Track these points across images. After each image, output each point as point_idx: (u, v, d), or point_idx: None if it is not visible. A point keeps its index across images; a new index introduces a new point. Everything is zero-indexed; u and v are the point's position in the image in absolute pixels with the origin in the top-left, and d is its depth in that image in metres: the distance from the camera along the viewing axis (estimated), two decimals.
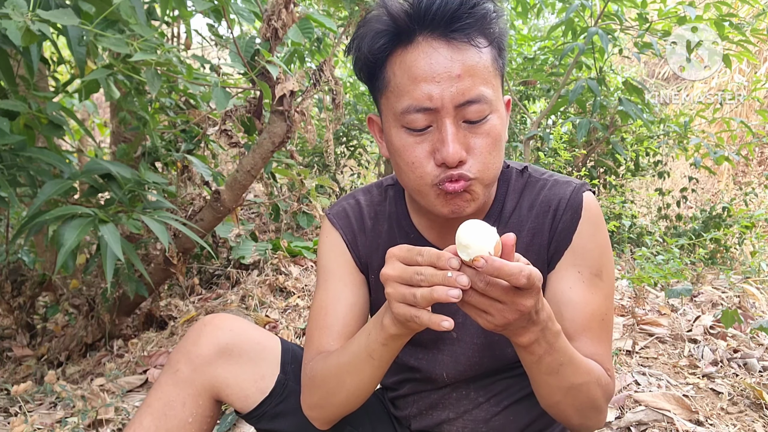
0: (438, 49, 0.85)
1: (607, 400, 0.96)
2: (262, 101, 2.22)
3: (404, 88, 0.87)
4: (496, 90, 0.89)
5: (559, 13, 4.06)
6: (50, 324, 2.52)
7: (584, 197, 1.00)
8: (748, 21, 3.76)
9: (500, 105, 0.91)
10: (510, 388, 1.08)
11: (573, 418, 0.95)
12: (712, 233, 4.01)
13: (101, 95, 4.82)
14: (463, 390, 1.08)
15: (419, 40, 0.86)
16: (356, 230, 1.11)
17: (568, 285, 0.98)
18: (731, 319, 2.16)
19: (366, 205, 1.13)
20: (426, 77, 0.85)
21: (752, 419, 1.79)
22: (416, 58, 0.85)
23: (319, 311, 1.06)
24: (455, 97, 0.84)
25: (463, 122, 0.87)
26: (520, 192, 1.04)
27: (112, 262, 1.65)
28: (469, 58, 0.85)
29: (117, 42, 1.51)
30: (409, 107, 0.86)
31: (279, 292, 2.93)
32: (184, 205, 2.52)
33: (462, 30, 0.85)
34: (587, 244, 0.98)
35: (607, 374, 0.96)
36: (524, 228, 1.02)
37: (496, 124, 0.89)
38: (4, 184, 1.63)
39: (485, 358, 1.05)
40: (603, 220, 1.02)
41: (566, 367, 0.86)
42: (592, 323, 0.96)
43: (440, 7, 0.83)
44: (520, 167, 1.07)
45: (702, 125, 4.80)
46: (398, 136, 0.91)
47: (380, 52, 0.89)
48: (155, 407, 1.04)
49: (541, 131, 3.92)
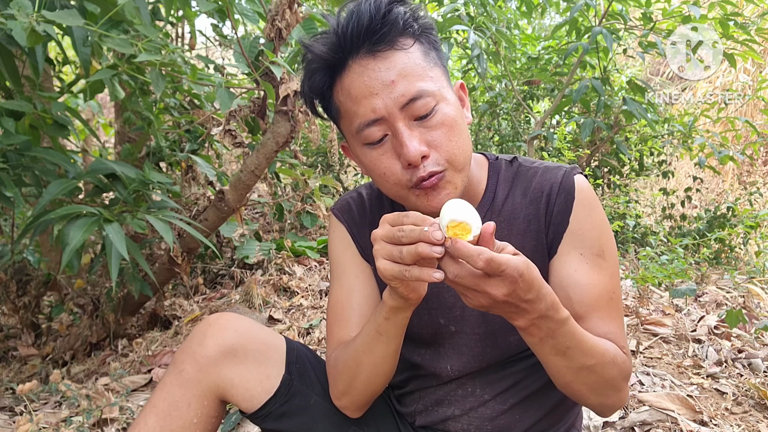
0: (367, 66, 0.90)
1: (625, 378, 0.96)
2: (266, 101, 2.23)
3: (351, 109, 0.92)
4: (438, 80, 0.92)
5: (563, 12, 4.06)
6: (55, 323, 2.53)
7: (575, 180, 1.02)
8: (753, 20, 3.75)
9: (448, 92, 0.94)
10: (516, 386, 1.07)
11: (589, 398, 0.95)
12: (716, 233, 4.00)
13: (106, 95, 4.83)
14: (468, 387, 1.08)
15: (350, 65, 0.91)
16: (359, 222, 1.15)
17: (572, 268, 0.99)
18: (736, 319, 2.16)
19: (368, 198, 1.17)
20: (365, 94, 0.90)
21: (756, 419, 1.78)
22: (352, 81, 0.91)
23: (336, 305, 1.12)
24: (397, 101, 0.89)
25: (414, 121, 0.90)
26: (512, 181, 1.07)
27: (116, 262, 1.65)
28: (396, 62, 0.89)
29: (121, 42, 1.52)
30: (360, 125, 0.92)
31: (283, 291, 2.93)
32: (188, 205, 2.53)
33: (381, 40, 0.89)
34: (584, 225, 1.00)
35: (622, 352, 0.96)
36: (519, 216, 1.04)
37: (447, 112, 0.92)
38: (10, 183, 1.63)
39: (488, 347, 1.06)
40: (597, 201, 1.03)
41: (574, 350, 0.87)
42: (601, 302, 0.97)
43: (354, 28, 0.89)
44: (509, 158, 1.10)
45: (706, 124, 4.78)
46: (363, 153, 0.96)
47: (322, 88, 0.96)
48: (160, 407, 1.04)
49: (545, 131, 3.92)
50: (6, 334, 2.59)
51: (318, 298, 2.87)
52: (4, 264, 2.27)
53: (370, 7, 0.89)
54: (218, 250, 3.11)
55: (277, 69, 1.93)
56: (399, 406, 1.20)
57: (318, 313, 2.68)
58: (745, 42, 3.35)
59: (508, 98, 4.75)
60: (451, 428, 1.09)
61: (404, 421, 1.18)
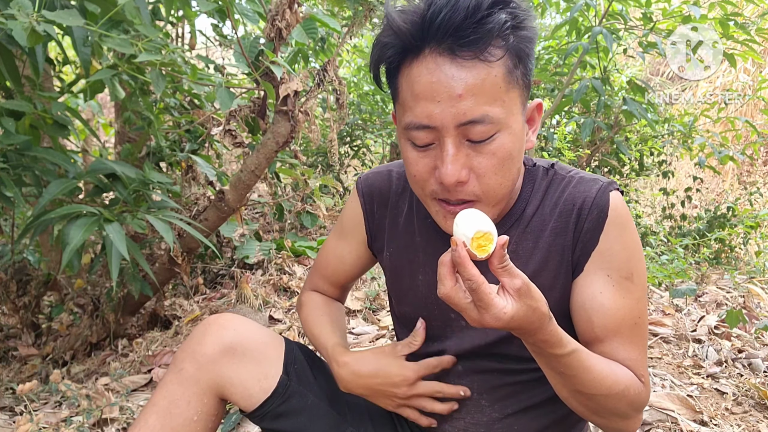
0: (442, 65, 0.80)
1: (636, 409, 0.92)
2: (266, 101, 2.23)
3: (408, 103, 0.85)
4: (508, 105, 0.83)
5: (563, 12, 4.06)
6: (55, 323, 2.53)
7: (611, 197, 0.95)
8: (753, 20, 3.75)
9: (515, 120, 0.85)
10: (517, 395, 1.05)
11: (589, 418, 0.93)
12: (716, 233, 4.00)
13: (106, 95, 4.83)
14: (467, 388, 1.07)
15: (425, 54, 0.82)
16: (377, 202, 1.16)
17: (597, 290, 0.94)
18: (736, 319, 2.16)
19: (396, 178, 1.16)
20: (426, 96, 0.81)
21: (757, 419, 1.78)
22: (419, 74, 0.82)
23: (324, 259, 1.28)
24: (456, 117, 0.80)
25: (467, 141, 0.83)
26: (545, 191, 1.00)
27: (117, 261, 1.65)
28: (474, 75, 0.79)
29: (122, 42, 1.52)
30: (410, 124, 0.85)
31: (283, 291, 2.93)
32: (188, 204, 2.53)
33: (469, 45, 0.79)
34: (615, 246, 0.94)
35: (639, 381, 0.92)
36: (546, 228, 0.98)
37: (505, 143, 0.83)
38: (10, 183, 1.63)
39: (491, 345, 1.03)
40: (631, 221, 0.97)
41: (573, 378, 0.84)
42: (623, 328, 0.93)
43: (443, 21, 0.78)
44: (548, 165, 1.04)
45: (706, 124, 4.78)
46: (405, 147, 0.90)
47: (389, 64, 0.88)
48: (160, 405, 1.04)
49: (546, 131, 3.92)
50: (6, 334, 2.59)
51: None
52: (5, 264, 2.27)
53: (469, 4, 0.78)
54: (218, 250, 3.11)
55: (277, 69, 1.93)
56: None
57: None
58: (745, 42, 3.35)
59: None
60: (446, 430, 1.08)
61: (402, 421, 1.18)
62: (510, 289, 0.74)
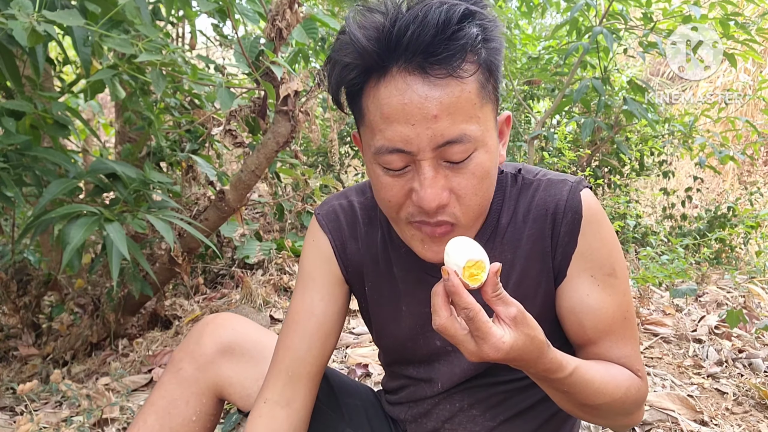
0: (413, 85, 0.74)
1: (638, 405, 0.92)
2: (267, 101, 2.23)
3: (377, 126, 0.78)
4: (484, 122, 0.79)
5: (563, 12, 4.06)
6: (55, 323, 2.53)
7: (582, 196, 0.93)
8: (753, 20, 3.75)
9: (489, 137, 0.80)
10: (506, 402, 1.04)
11: (594, 422, 0.94)
12: (717, 233, 4.00)
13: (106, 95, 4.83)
14: (457, 402, 1.05)
15: (393, 73, 0.75)
16: (347, 236, 1.05)
17: (584, 292, 0.93)
18: (736, 319, 2.16)
19: (360, 208, 1.06)
20: (398, 118, 0.75)
21: (757, 419, 1.78)
22: (389, 95, 0.75)
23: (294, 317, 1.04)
24: (433, 139, 0.75)
25: (444, 161, 0.78)
26: (516, 199, 0.97)
27: (117, 261, 1.66)
28: (448, 93, 0.74)
29: (122, 42, 1.52)
30: (381, 148, 0.78)
31: (283, 291, 2.93)
32: (188, 204, 2.53)
33: (441, 63, 0.73)
34: (594, 244, 0.93)
35: (637, 376, 0.92)
36: (522, 236, 0.95)
37: (483, 161, 0.80)
38: (10, 183, 1.64)
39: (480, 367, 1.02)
40: (605, 216, 0.96)
41: (576, 395, 0.84)
42: (615, 325, 0.93)
43: (412, 39, 0.72)
44: (514, 170, 0.99)
45: (707, 124, 4.78)
46: (375, 173, 0.84)
47: (351, 86, 0.81)
48: (159, 405, 1.04)
49: (546, 131, 3.91)
50: (6, 334, 2.59)
51: None
52: (5, 264, 2.27)
53: (438, 20, 0.72)
54: (219, 250, 3.11)
55: (278, 69, 1.93)
56: (392, 413, 1.20)
57: None
58: (746, 42, 3.35)
59: (509, 98, 4.75)
60: None
61: (398, 427, 1.17)
62: (506, 318, 0.72)
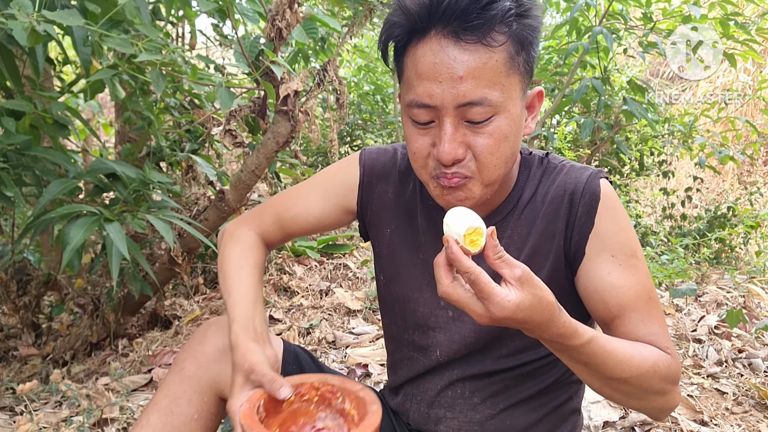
0: (445, 47, 0.82)
1: (671, 382, 0.90)
2: (267, 101, 2.23)
3: (411, 82, 0.87)
4: (507, 90, 0.85)
5: (563, 12, 4.06)
6: (55, 323, 2.53)
7: (601, 183, 0.97)
8: (753, 20, 3.75)
9: (512, 105, 0.87)
10: (508, 390, 1.05)
11: (628, 404, 0.91)
12: (716, 233, 4.00)
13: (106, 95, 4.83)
14: (458, 389, 1.07)
15: (431, 35, 0.84)
16: (378, 177, 1.15)
17: (606, 271, 0.94)
18: (736, 319, 2.16)
19: (401, 157, 1.16)
20: (429, 75, 0.84)
21: (757, 419, 1.78)
22: (424, 54, 0.85)
23: (289, 201, 1.17)
24: (456, 98, 0.83)
25: (465, 121, 0.86)
26: (539, 180, 1.03)
27: (117, 261, 1.66)
28: (475, 59, 0.82)
29: (122, 42, 1.52)
30: (412, 101, 0.87)
31: (283, 291, 2.93)
32: (188, 204, 2.53)
33: (472, 30, 0.81)
34: (611, 227, 0.95)
35: (666, 354, 0.90)
36: (539, 215, 1.00)
37: (501, 125, 0.86)
38: (10, 183, 1.63)
39: (483, 337, 1.03)
40: (623, 207, 0.99)
41: (599, 366, 0.83)
42: (639, 303, 0.93)
43: (449, 4, 0.81)
44: (542, 155, 1.06)
45: (707, 124, 4.78)
46: (406, 125, 0.93)
47: (397, 42, 0.90)
48: (162, 404, 1.05)
49: (546, 131, 3.92)
50: (6, 334, 2.59)
51: (318, 298, 2.87)
52: (5, 264, 2.27)
53: None
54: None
55: (278, 69, 1.93)
56: (392, 403, 1.20)
57: (318, 312, 2.68)
58: (746, 42, 3.35)
59: None
60: (442, 431, 1.08)
61: (400, 420, 1.18)
62: (511, 279, 0.74)
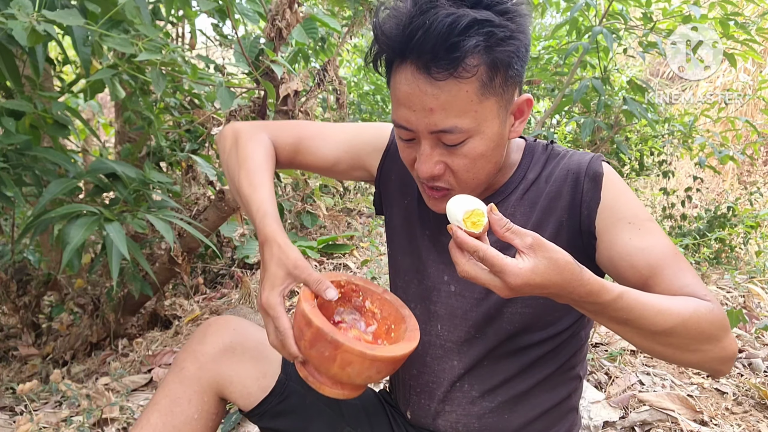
0: (418, 79, 0.86)
1: (720, 327, 0.86)
2: (267, 101, 2.23)
3: (394, 101, 0.93)
4: (480, 114, 0.88)
5: (563, 12, 4.06)
6: (55, 323, 2.53)
7: (603, 164, 1.01)
8: (753, 20, 3.75)
9: (487, 126, 0.90)
10: (506, 384, 1.06)
11: (684, 360, 0.89)
12: (716, 233, 4.00)
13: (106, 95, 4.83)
14: (457, 382, 1.07)
15: (408, 63, 0.87)
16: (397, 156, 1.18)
17: (627, 237, 0.95)
18: (736, 319, 2.15)
19: None
20: (405, 103, 0.89)
21: (757, 419, 1.78)
22: (401, 81, 0.89)
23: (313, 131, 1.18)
24: (428, 126, 0.89)
25: (441, 141, 0.91)
26: (543, 164, 1.06)
27: (117, 261, 1.66)
28: (446, 92, 0.85)
29: (122, 42, 1.52)
30: (395, 121, 0.94)
31: None
32: (188, 204, 2.53)
33: (441, 66, 0.83)
34: (620, 199, 0.97)
35: (705, 300, 0.88)
36: (542, 194, 1.03)
37: (476, 146, 0.91)
38: (10, 183, 1.63)
39: (484, 317, 1.03)
40: (626, 184, 1.01)
41: (637, 321, 0.82)
42: (667, 259, 0.93)
43: (418, 42, 0.83)
44: (546, 143, 1.11)
45: (707, 124, 4.78)
46: (396, 135, 0.99)
47: (385, 59, 0.94)
48: (162, 404, 1.06)
49: (546, 131, 3.92)
50: (6, 334, 2.59)
51: None
52: (5, 264, 2.27)
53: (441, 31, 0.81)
54: (218, 249, 3.11)
55: (278, 68, 1.93)
56: (391, 399, 1.20)
57: None
58: (746, 42, 3.35)
59: None
60: (440, 426, 1.09)
61: (397, 420, 1.18)
62: (523, 248, 0.77)
